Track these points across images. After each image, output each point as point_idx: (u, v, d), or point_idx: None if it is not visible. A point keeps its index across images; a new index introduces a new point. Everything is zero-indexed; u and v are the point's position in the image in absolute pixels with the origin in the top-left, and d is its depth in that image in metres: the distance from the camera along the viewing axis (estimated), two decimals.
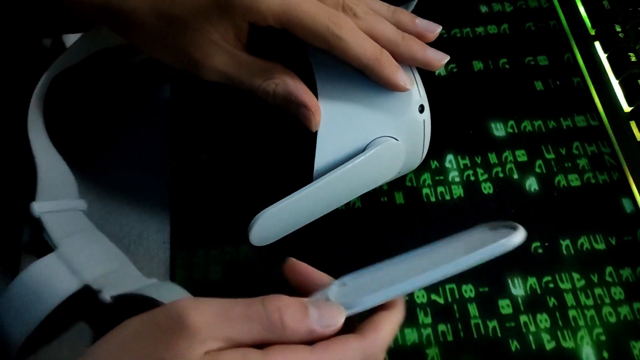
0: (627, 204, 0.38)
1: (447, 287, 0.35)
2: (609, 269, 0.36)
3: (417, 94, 0.32)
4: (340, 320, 0.24)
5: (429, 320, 0.34)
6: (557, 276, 0.36)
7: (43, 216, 0.34)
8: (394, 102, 0.32)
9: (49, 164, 0.36)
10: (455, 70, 0.44)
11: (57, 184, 0.36)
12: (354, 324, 0.25)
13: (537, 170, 0.39)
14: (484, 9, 0.47)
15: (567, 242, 0.37)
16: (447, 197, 0.38)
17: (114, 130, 0.40)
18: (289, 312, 0.24)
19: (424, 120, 0.33)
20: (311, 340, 0.24)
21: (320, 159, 0.31)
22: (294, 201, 0.30)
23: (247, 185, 0.38)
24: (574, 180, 0.39)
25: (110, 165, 0.38)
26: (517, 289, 0.35)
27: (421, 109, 0.32)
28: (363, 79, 0.31)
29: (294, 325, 0.23)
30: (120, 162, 0.39)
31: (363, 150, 0.31)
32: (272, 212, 0.30)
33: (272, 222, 0.30)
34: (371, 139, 0.31)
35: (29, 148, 0.35)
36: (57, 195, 0.35)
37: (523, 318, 0.34)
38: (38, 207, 0.34)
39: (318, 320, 0.24)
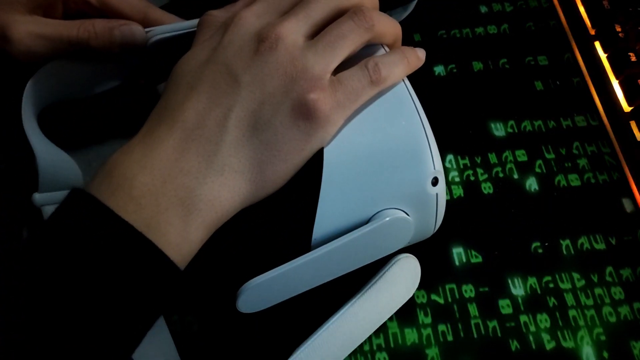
0: (627, 204, 0.38)
1: (447, 287, 0.35)
2: (609, 269, 0.36)
3: (431, 165, 0.29)
4: None
5: (429, 320, 0.34)
6: (557, 276, 0.36)
7: (45, 208, 0.33)
8: (405, 173, 0.29)
9: (48, 154, 0.35)
10: (455, 70, 0.44)
11: (59, 174, 0.35)
12: None
13: (537, 170, 0.39)
14: (484, 9, 0.47)
15: (567, 242, 0.37)
16: (447, 197, 0.38)
17: (112, 134, 0.40)
18: None
19: (437, 193, 0.29)
20: None
21: (320, 227, 0.28)
22: (287, 271, 0.28)
23: (239, 248, 0.34)
24: (574, 180, 0.39)
25: None
26: (517, 289, 0.35)
27: (435, 181, 0.29)
28: (374, 145, 0.28)
29: None
30: None
31: (368, 221, 0.29)
32: (262, 282, 0.28)
33: (262, 291, 0.28)
34: (377, 210, 0.29)
35: (27, 140, 0.34)
36: (59, 186, 0.35)
37: (523, 318, 0.34)
38: (40, 198, 0.33)
39: None
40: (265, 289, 0.28)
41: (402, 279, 0.33)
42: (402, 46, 0.30)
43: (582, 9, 0.46)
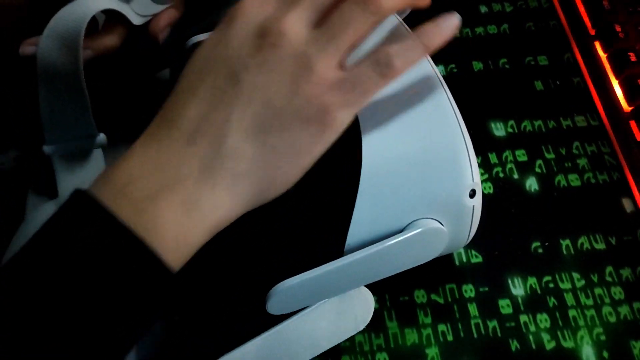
0: (627, 204, 0.38)
1: (447, 287, 0.35)
2: (609, 269, 0.36)
3: (470, 177, 0.28)
4: None
5: (429, 320, 0.34)
6: (557, 276, 0.36)
7: (55, 158, 0.34)
8: (444, 184, 0.28)
9: (53, 102, 0.34)
10: (455, 70, 0.44)
11: (66, 122, 0.34)
12: None
13: (537, 170, 0.39)
14: (484, 9, 0.47)
15: (567, 242, 0.37)
16: None
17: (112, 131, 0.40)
18: None
19: (473, 205, 0.29)
20: None
21: (354, 233, 0.28)
22: (319, 275, 0.28)
23: (272, 249, 0.33)
24: (574, 180, 0.39)
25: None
26: (517, 289, 0.35)
27: (472, 193, 0.29)
28: (414, 154, 0.28)
29: None
30: None
31: (402, 230, 0.28)
32: (293, 285, 0.28)
33: (292, 294, 0.28)
34: (413, 219, 0.28)
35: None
36: (68, 135, 0.35)
37: (523, 318, 0.34)
38: (48, 149, 0.34)
39: None
40: (296, 292, 0.28)
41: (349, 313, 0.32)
42: (421, 26, 0.27)
43: (582, 9, 0.46)
